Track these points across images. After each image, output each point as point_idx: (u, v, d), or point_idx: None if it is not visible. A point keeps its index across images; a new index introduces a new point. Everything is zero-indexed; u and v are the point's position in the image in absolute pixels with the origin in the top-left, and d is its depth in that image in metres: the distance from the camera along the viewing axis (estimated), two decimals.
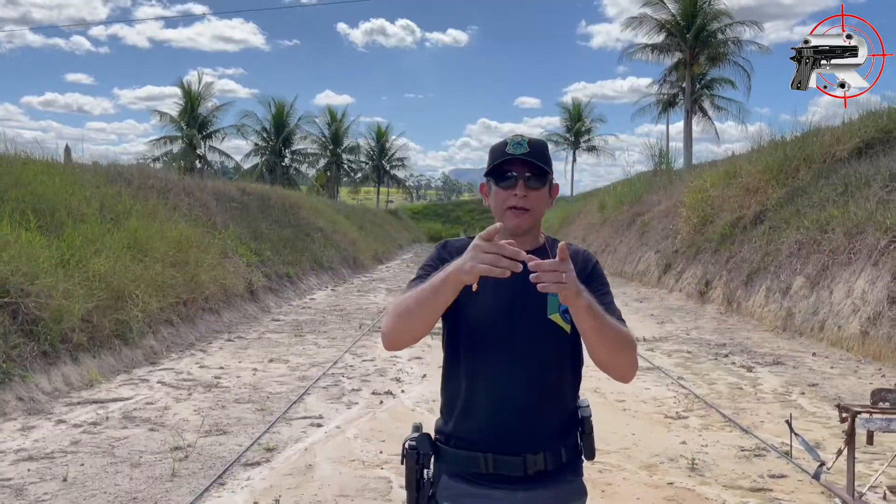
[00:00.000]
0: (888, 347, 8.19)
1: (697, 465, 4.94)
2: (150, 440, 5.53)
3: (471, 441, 1.78)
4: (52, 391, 6.84)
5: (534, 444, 1.76)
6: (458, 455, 1.80)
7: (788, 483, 4.64)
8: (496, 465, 1.75)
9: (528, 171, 1.80)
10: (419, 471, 1.82)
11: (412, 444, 1.82)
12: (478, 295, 1.73)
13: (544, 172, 1.81)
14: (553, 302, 1.78)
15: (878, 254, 9.36)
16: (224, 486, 4.58)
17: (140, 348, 8.72)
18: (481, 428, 1.77)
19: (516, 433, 1.75)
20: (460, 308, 1.78)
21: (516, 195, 1.79)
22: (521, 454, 1.75)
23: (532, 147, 1.81)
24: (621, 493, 4.47)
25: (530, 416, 1.76)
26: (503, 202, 1.81)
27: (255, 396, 6.96)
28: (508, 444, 1.75)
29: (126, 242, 9.65)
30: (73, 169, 11.98)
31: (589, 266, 1.88)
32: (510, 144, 1.81)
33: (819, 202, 12.27)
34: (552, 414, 1.80)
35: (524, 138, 1.83)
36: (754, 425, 5.96)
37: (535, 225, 1.86)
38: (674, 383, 7.59)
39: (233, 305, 12.39)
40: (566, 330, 1.78)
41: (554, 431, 1.80)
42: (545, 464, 1.76)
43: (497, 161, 1.81)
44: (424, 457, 1.82)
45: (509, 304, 1.77)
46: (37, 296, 7.19)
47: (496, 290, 1.76)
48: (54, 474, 4.74)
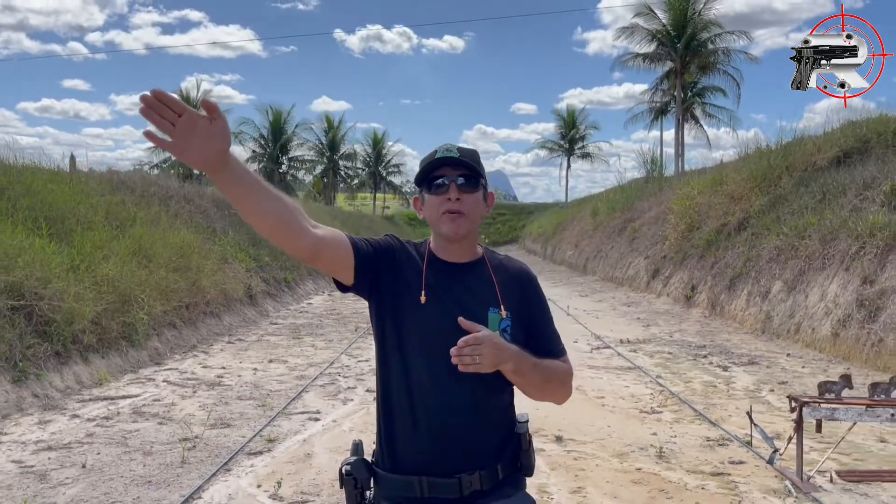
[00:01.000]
0: (856, 348, 8.64)
1: (665, 454, 5.38)
2: (159, 432, 5.95)
3: (404, 465, 1.76)
4: (64, 389, 7.25)
5: (469, 464, 1.74)
6: (392, 480, 1.77)
7: (746, 468, 5.08)
8: (431, 489, 1.73)
9: (460, 174, 1.78)
10: (359, 495, 1.78)
11: (348, 469, 1.79)
12: (423, 304, 1.77)
13: (477, 175, 1.79)
14: (493, 319, 1.78)
15: (849, 259, 9.83)
16: (230, 472, 5.00)
17: (145, 349, 9.14)
18: (415, 451, 1.74)
19: (451, 454, 1.73)
20: (398, 315, 1.79)
21: (450, 199, 1.76)
22: (456, 475, 1.72)
23: (462, 152, 1.80)
24: (593, 478, 4.89)
25: (465, 436, 1.73)
26: (437, 208, 1.78)
27: (256, 394, 7.38)
28: (443, 465, 1.73)
29: (132, 248, 10.07)
30: (79, 177, 12.40)
31: (529, 287, 1.89)
32: (440, 151, 1.80)
33: (798, 209, 12.74)
34: (488, 432, 1.77)
35: (453, 146, 1.81)
36: (722, 419, 6.40)
37: (472, 231, 1.82)
38: (652, 381, 8.02)
39: (233, 309, 12.81)
40: None
41: (489, 450, 1.77)
42: (481, 483, 1.73)
43: (427, 165, 1.79)
44: (364, 481, 1.78)
45: (450, 319, 1.73)
46: (50, 299, 7.61)
47: (441, 304, 1.77)
48: (73, 462, 5.16)
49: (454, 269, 1.83)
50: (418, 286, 1.79)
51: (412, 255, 1.85)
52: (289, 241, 1.65)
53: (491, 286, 1.82)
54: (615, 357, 9.58)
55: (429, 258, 1.84)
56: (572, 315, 14.00)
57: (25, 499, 4.40)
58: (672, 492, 4.62)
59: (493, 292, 1.81)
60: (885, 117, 14.02)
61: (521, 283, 1.87)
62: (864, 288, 9.10)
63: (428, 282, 1.79)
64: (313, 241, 1.66)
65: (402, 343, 1.77)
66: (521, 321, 1.83)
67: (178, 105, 1.46)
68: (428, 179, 1.80)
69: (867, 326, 8.59)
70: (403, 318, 1.77)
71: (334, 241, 1.73)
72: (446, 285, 1.80)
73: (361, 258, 1.76)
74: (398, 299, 1.78)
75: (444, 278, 1.81)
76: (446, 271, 1.83)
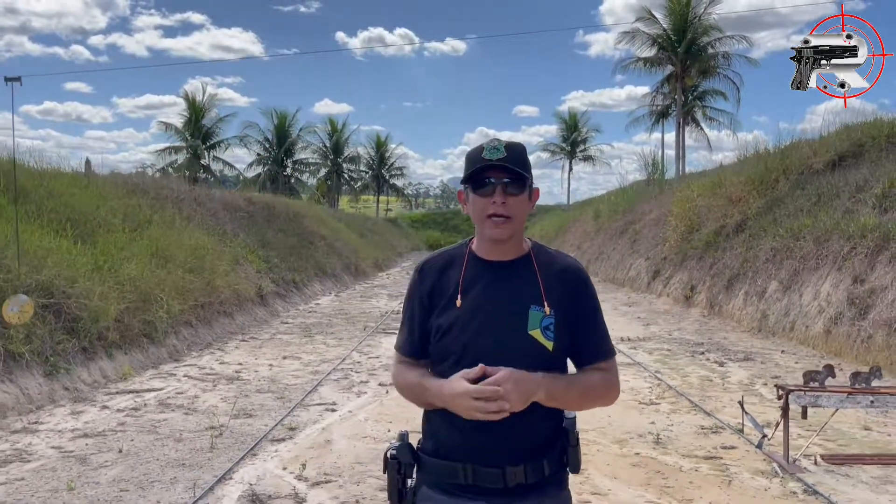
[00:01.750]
0: (847, 344, 9.00)
1: (661, 440, 5.74)
2: (186, 422, 6.33)
3: (450, 451, 1.77)
4: (92, 382, 7.64)
5: (514, 456, 1.73)
6: (437, 465, 1.78)
7: (737, 453, 5.44)
8: (475, 477, 1.74)
9: (507, 177, 1.75)
10: (401, 480, 1.81)
11: (393, 453, 1.81)
12: (459, 308, 1.79)
13: (523, 177, 1.77)
14: (535, 317, 1.76)
15: (841, 259, 10.19)
16: (256, 457, 5.37)
17: (165, 346, 9.52)
18: (461, 439, 1.74)
19: (496, 445, 1.73)
20: (441, 321, 1.81)
21: (495, 202, 1.75)
22: (501, 466, 1.72)
23: (509, 151, 1.76)
24: (594, 461, 5.26)
25: (511, 428, 1.71)
26: (482, 210, 1.77)
27: (274, 387, 7.75)
28: (488, 455, 1.73)
29: (150, 250, 10.46)
30: (97, 181, 12.79)
31: (577, 284, 1.85)
32: (486, 150, 1.76)
33: (794, 212, 13.10)
34: (534, 427, 1.75)
35: (501, 143, 1.77)
36: (716, 409, 6.77)
37: (518, 232, 1.81)
38: (651, 376, 8.39)
39: (244, 309, 13.19)
40: (548, 347, 1.75)
41: (536, 444, 1.76)
42: (525, 476, 1.73)
43: (473, 167, 1.77)
44: (406, 466, 1.80)
45: (489, 318, 1.76)
46: (77, 297, 8.00)
47: (475, 304, 1.79)
48: (110, 447, 5.53)
49: (495, 268, 1.83)
50: (456, 292, 1.81)
51: (447, 269, 1.87)
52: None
53: (535, 283, 1.79)
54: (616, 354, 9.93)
55: (469, 260, 1.85)
56: None
57: (70, 479, 4.77)
58: (667, 473, 4.98)
59: (536, 289, 1.79)
60: (880, 121, 14.38)
61: (567, 280, 1.82)
62: (854, 287, 9.46)
63: (465, 285, 1.81)
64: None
65: (450, 340, 1.78)
66: (566, 319, 1.79)
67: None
68: (473, 179, 1.78)
69: (857, 323, 8.96)
70: (444, 324, 1.79)
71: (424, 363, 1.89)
72: (484, 285, 1.81)
73: (428, 344, 1.86)
74: (441, 311, 1.83)
75: (484, 278, 1.82)
76: (486, 271, 1.83)
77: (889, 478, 4.84)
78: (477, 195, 1.78)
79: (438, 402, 1.74)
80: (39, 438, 5.76)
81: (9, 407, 6.41)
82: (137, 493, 4.56)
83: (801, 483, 4.71)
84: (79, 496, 4.50)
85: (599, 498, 4.53)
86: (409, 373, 1.87)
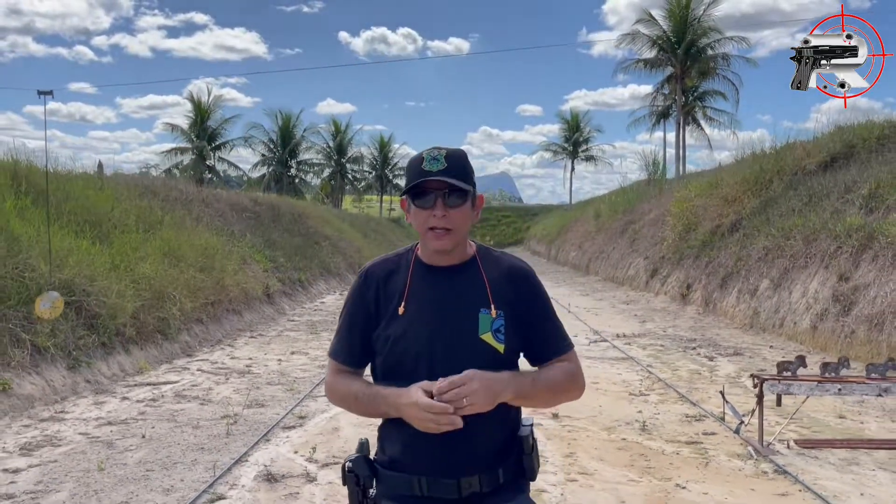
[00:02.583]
0: (832, 339, 9.38)
1: (647, 427, 6.14)
2: (202, 411, 6.75)
3: (404, 464, 1.76)
4: (111, 375, 8.05)
5: (468, 466, 1.73)
6: (392, 478, 1.78)
7: (717, 438, 5.84)
8: (430, 488, 1.73)
9: (447, 189, 1.72)
10: (361, 493, 1.79)
11: (350, 466, 1.80)
12: (405, 317, 1.77)
13: (464, 189, 1.74)
14: (485, 320, 1.75)
15: (828, 258, 10.57)
16: (269, 442, 5.78)
17: (177, 343, 9.94)
18: (414, 451, 1.74)
19: (449, 456, 1.72)
20: (390, 331, 1.78)
21: (435, 215, 1.72)
22: (455, 477, 1.72)
23: (450, 161, 1.73)
24: (584, 446, 5.66)
25: (465, 439, 1.70)
26: (423, 222, 1.75)
27: (283, 380, 8.16)
28: (442, 466, 1.73)
29: (163, 250, 10.89)
30: (109, 182, 13.21)
31: (524, 283, 1.84)
32: (426, 160, 1.73)
33: (786, 212, 13.48)
34: (487, 435, 1.75)
35: (441, 152, 1.74)
36: (702, 400, 7.16)
37: (461, 241, 1.80)
38: (643, 370, 8.78)
39: (252, 307, 13.60)
40: (499, 350, 1.75)
41: (490, 453, 1.76)
42: (480, 486, 1.73)
43: (413, 180, 1.74)
44: (365, 478, 1.79)
45: (439, 325, 1.75)
46: (96, 295, 8.42)
47: (424, 311, 1.77)
48: (133, 433, 5.95)
49: (441, 274, 1.82)
50: (400, 299, 1.80)
51: (392, 276, 1.86)
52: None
53: (482, 286, 1.79)
54: (611, 349, 10.35)
55: (414, 266, 1.84)
56: (573, 312, 14.76)
57: (100, 461, 5.19)
58: (650, 456, 5.38)
59: (483, 293, 1.78)
60: (871, 123, 14.74)
61: (514, 280, 1.83)
62: (840, 285, 9.84)
63: (410, 293, 1.80)
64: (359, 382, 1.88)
65: (398, 349, 1.77)
66: (516, 319, 1.79)
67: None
68: (413, 190, 1.76)
69: (841, 319, 9.34)
70: (392, 334, 1.78)
71: (360, 372, 1.91)
72: (430, 291, 1.80)
73: (369, 353, 1.87)
74: (388, 320, 1.81)
75: (430, 285, 1.80)
76: (432, 277, 1.81)
77: (855, 460, 5.23)
78: (417, 207, 1.76)
79: (393, 411, 1.72)
80: (67, 426, 6.17)
81: (36, 397, 6.82)
82: (162, 473, 4.98)
83: (773, 464, 5.10)
84: (109, 475, 4.91)
85: (586, 477, 4.92)
86: (352, 382, 1.84)
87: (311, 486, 4.74)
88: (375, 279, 1.85)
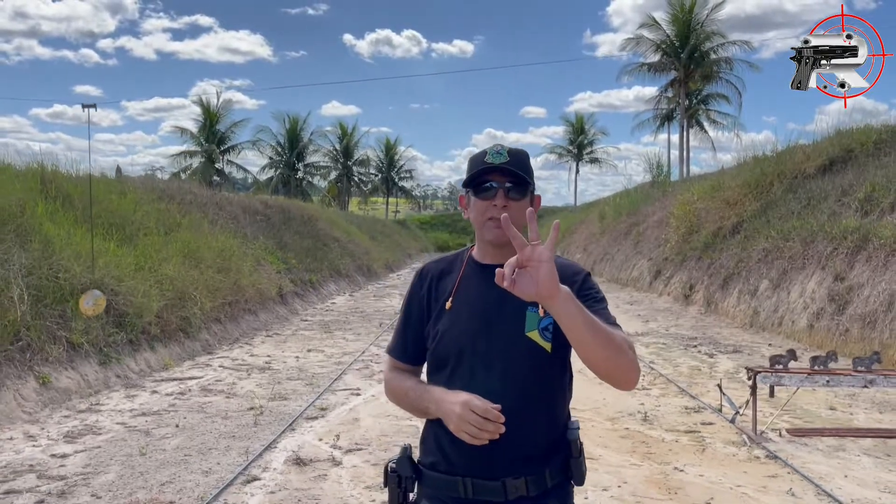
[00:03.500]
0: (828, 337, 9.76)
1: (649, 418, 6.53)
2: (229, 403, 7.16)
3: (449, 465, 1.74)
4: (139, 371, 8.48)
5: (514, 468, 1.70)
6: (437, 479, 1.76)
7: (714, 428, 6.22)
8: (475, 490, 1.71)
9: (508, 181, 1.74)
10: (402, 494, 1.79)
11: (393, 466, 1.79)
12: (452, 312, 1.77)
13: (525, 182, 1.75)
14: (532, 318, 1.72)
15: (825, 259, 10.94)
16: (294, 431, 6.19)
17: (198, 341, 10.36)
18: (460, 451, 1.71)
19: (495, 457, 1.69)
20: (439, 326, 1.80)
21: (496, 206, 1.73)
22: (501, 479, 1.69)
23: (512, 156, 1.75)
24: (589, 435, 6.05)
25: (510, 439, 1.67)
26: (482, 213, 1.76)
27: (303, 376, 8.57)
28: (487, 468, 1.70)
29: (183, 252, 11.31)
30: (129, 187, 13.65)
31: (578, 279, 1.77)
32: (489, 154, 1.75)
33: (786, 214, 13.85)
34: (534, 437, 1.72)
35: (504, 148, 1.76)
36: (701, 393, 7.55)
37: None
38: (645, 366, 9.16)
39: (267, 307, 14.03)
40: (546, 349, 1.71)
41: (537, 455, 1.72)
42: (527, 489, 1.70)
43: (475, 170, 1.76)
44: (407, 480, 1.78)
45: (485, 321, 1.74)
46: (124, 295, 8.84)
47: (471, 307, 1.77)
48: (167, 423, 6.37)
49: (492, 271, 1.71)
50: (449, 295, 1.82)
51: (446, 274, 1.88)
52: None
53: None
54: None
55: (467, 266, 1.86)
56: None
57: (141, 447, 5.60)
58: (651, 443, 5.77)
59: None
60: (869, 128, 15.11)
61: (566, 278, 1.69)
62: (835, 285, 10.21)
63: (459, 288, 1.82)
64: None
65: (445, 346, 1.78)
66: None
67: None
68: (475, 182, 1.77)
69: (836, 318, 9.72)
70: (440, 329, 1.80)
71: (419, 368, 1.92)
72: (478, 288, 1.79)
73: (423, 350, 1.88)
74: (437, 316, 1.84)
75: (480, 282, 1.79)
76: (483, 274, 1.79)
77: (842, 447, 5.61)
78: (478, 198, 1.77)
79: (434, 407, 1.72)
80: (104, 416, 6.59)
81: (73, 391, 7.25)
82: (199, 458, 5.39)
83: (765, 450, 5.49)
84: (151, 459, 5.33)
85: (591, 461, 5.31)
86: (406, 379, 1.86)
87: (337, 469, 5.14)
88: (429, 277, 1.89)
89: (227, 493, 4.65)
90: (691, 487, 4.75)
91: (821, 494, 4.59)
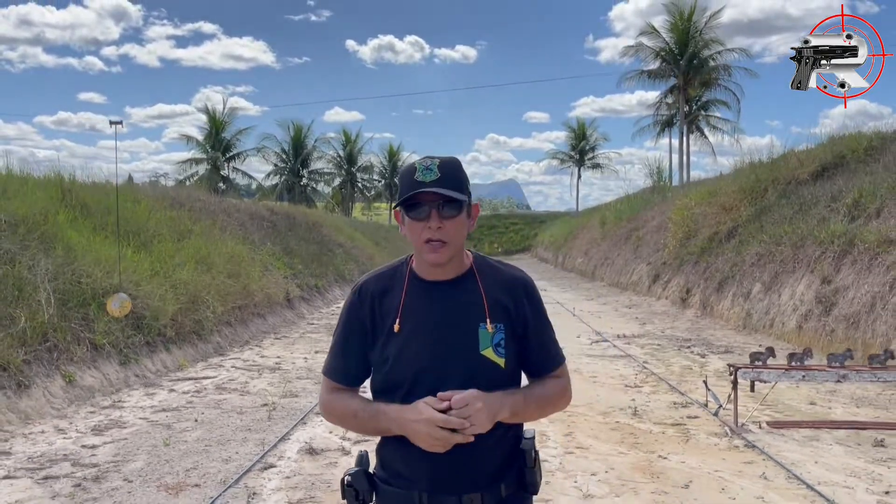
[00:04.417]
0: (815, 338, 10.15)
1: (638, 412, 6.94)
2: (243, 400, 7.59)
3: (405, 479, 1.75)
4: (156, 371, 8.92)
5: (470, 483, 1.72)
6: (393, 494, 1.76)
7: (699, 421, 6.63)
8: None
9: (442, 199, 1.68)
10: None
11: (349, 480, 1.77)
12: (401, 335, 1.73)
13: (459, 199, 1.69)
14: (485, 336, 1.73)
15: (813, 263, 11.35)
16: (306, 424, 6.62)
17: (210, 343, 10.80)
18: (416, 467, 1.72)
19: (453, 473, 1.70)
20: (388, 351, 1.75)
21: (430, 227, 1.68)
22: (457, 494, 1.71)
23: (443, 171, 1.68)
24: (581, 427, 6.47)
25: (468, 455, 1.69)
26: (419, 234, 1.71)
27: (312, 375, 9.00)
28: (444, 483, 1.71)
29: (195, 257, 11.76)
30: (141, 195, 14.12)
31: (521, 294, 1.81)
32: (419, 170, 1.68)
33: (778, 219, 14.25)
34: (489, 451, 1.73)
35: (434, 162, 1.70)
36: (689, 390, 7.95)
37: (457, 253, 1.76)
38: (639, 366, 9.58)
39: (274, 311, 14.47)
40: (500, 364, 1.73)
41: (492, 469, 1.74)
42: (482, 502, 1.73)
43: (407, 192, 1.69)
44: (364, 493, 1.77)
45: (440, 343, 1.72)
46: (141, 299, 9.29)
47: (422, 328, 1.73)
48: (187, 418, 6.80)
49: (438, 288, 1.79)
50: (396, 316, 1.77)
51: (387, 291, 1.82)
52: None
53: (479, 300, 1.76)
54: (611, 348, 11.14)
55: (409, 281, 1.81)
56: (577, 315, 15.57)
57: (164, 438, 6.04)
58: (639, 435, 6.19)
59: (480, 306, 1.76)
60: (860, 134, 15.50)
61: (512, 290, 1.80)
62: (822, 287, 10.62)
63: (406, 309, 1.77)
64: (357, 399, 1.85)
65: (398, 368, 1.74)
66: (514, 331, 1.78)
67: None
68: (407, 202, 1.71)
69: (823, 319, 10.12)
70: (390, 354, 1.75)
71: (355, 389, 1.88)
72: (426, 308, 1.77)
73: (365, 372, 1.85)
74: (386, 339, 1.78)
75: (427, 301, 1.77)
76: (429, 292, 1.78)
77: (816, 437, 6.02)
78: (411, 219, 1.72)
79: (396, 428, 1.70)
80: (127, 412, 7.03)
81: (96, 389, 7.69)
82: (219, 448, 5.82)
83: (744, 440, 5.90)
84: (175, 449, 5.76)
85: (582, 450, 5.73)
86: (350, 400, 1.81)
87: (347, 458, 5.57)
88: (370, 295, 1.82)
89: (246, 478, 5.08)
90: (673, 472, 5.16)
91: (791, 478, 5.00)
